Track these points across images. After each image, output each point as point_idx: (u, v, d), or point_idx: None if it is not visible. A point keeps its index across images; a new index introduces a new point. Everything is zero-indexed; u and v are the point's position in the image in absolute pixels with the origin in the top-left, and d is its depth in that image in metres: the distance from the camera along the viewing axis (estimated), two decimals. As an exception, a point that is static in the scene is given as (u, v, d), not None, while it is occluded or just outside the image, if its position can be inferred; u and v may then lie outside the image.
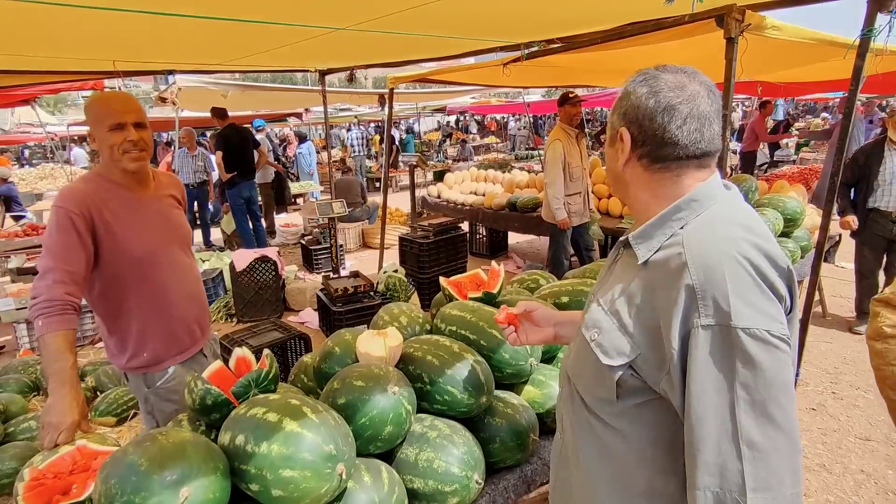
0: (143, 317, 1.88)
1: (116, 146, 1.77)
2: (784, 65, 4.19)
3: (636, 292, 0.93)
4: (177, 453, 1.08)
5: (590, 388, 1.01)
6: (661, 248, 0.93)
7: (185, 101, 5.76)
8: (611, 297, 0.99)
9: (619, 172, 1.01)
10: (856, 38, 2.24)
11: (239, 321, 5.03)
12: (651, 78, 0.94)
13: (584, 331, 1.01)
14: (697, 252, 0.85)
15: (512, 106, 18.70)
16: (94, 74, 3.53)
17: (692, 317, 0.82)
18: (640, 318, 0.91)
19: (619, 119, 0.98)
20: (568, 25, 2.80)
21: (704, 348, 0.81)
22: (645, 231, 0.96)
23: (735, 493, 0.78)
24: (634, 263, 0.96)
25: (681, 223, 0.92)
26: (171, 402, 1.97)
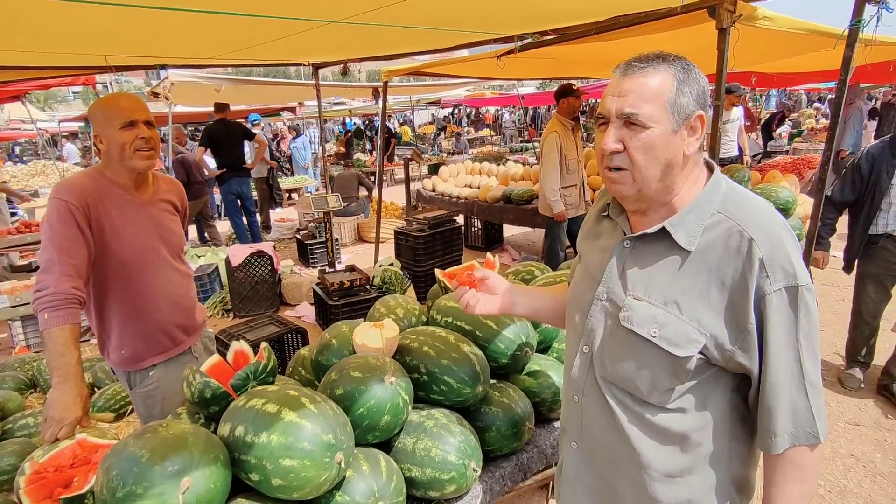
0: (122, 317, 1.89)
1: (128, 144, 1.77)
2: (776, 55, 4.21)
3: (692, 277, 0.96)
4: (177, 444, 1.09)
5: (651, 383, 1.00)
6: (705, 230, 0.97)
7: (178, 96, 5.72)
8: (658, 289, 0.99)
9: (676, 161, 0.98)
10: (845, 29, 2.26)
11: (235, 316, 5.04)
12: (691, 64, 0.98)
13: (635, 328, 1.00)
14: (756, 226, 0.93)
15: (506, 98, 18.66)
16: (85, 69, 3.50)
17: (765, 284, 0.91)
18: (704, 301, 0.95)
19: (693, 103, 0.96)
20: (561, 17, 2.80)
21: (780, 310, 0.92)
22: (682, 218, 0.99)
23: (807, 427, 0.94)
24: (672, 251, 0.99)
25: (712, 205, 0.98)
26: (147, 406, 2.00)
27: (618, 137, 0.97)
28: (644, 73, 0.95)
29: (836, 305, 4.76)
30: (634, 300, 1.01)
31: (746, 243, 0.92)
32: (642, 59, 0.97)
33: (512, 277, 2.50)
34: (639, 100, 0.94)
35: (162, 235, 1.96)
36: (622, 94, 0.96)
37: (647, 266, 1.02)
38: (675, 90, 0.95)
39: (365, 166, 12.67)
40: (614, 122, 0.97)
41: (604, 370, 1.07)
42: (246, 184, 6.85)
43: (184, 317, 2.06)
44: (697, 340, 0.95)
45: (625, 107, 0.95)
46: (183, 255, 2.11)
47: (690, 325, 0.96)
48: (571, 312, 1.18)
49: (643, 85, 0.95)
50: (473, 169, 7.76)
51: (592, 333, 1.09)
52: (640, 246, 1.04)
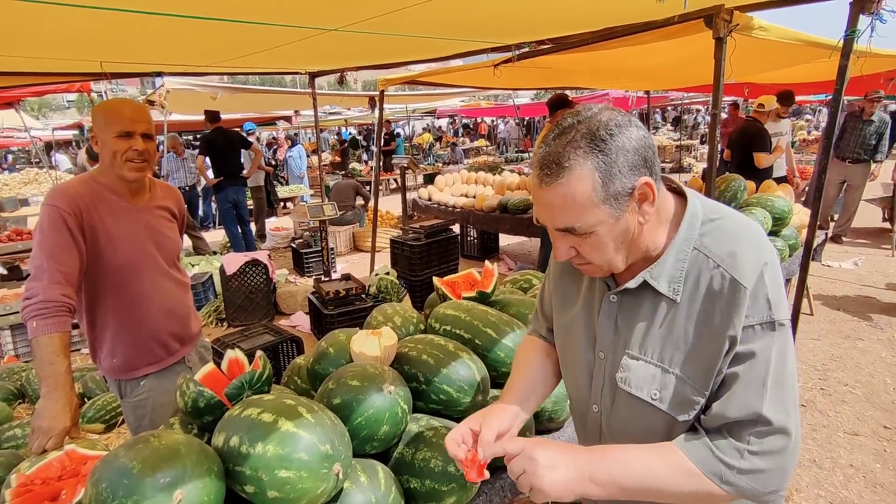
0: (114, 325, 1.86)
1: (120, 153, 1.75)
2: (771, 66, 4.25)
3: (683, 329, 0.89)
4: (170, 455, 1.06)
5: (644, 438, 0.94)
6: (687, 275, 0.90)
7: (174, 104, 5.71)
8: (652, 345, 0.92)
9: (636, 234, 0.89)
10: (839, 40, 2.28)
11: (229, 325, 4.99)
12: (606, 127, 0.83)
13: (633, 391, 0.93)
14: (737, 266, 0.86)
15: (501, 108, 18.77)
16: (80, 76, 3.48)
17: (741, 320, 0.85)
18: (699, 354, 0.88)
19: (628, 176, 0.83)
20: (558, 26, 2.81)
21: (754, 343, 0.85)
22: (662, 266, 0.91)
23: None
24: (659, 302, 0.92)
25: (690, 243, 0.91)
26: (136, 416, 1.96)
27: (566, 246, 0.91)
28: (560, 181, 0.83)
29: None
30: (631, 359, 0.94)
31: (728, 282, 0.86)
32: (549, 160, 0.84)
33: (510, 286, 2.48)
34: (567, 213, 0.85)
35: (157, 242, 1.94)
36: (546, 207, 0.87)
37: (639, 320, 0.95)
38: (600, 185, 0.82)
39: (360, 175, 12.69)
40: (555, 232, 0.90)
41: (614, 435, 1.01)
42: (241, 192, 6.84)
43: (178, 325, 2.03)
44: (697, 402, 0.89)
45: (557, 223, 0.88)
46: (179, 262, 2.08)
47: (689, 385, 0.89)
48: (573, 371, 1.10)
49: (564, 197, 0.83)
50: (469, 178, 7.77)
51: (599, 393, 1.03)
52: (627, 299, 0.97)
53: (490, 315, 1.78)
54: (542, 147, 0.87)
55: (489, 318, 1.77)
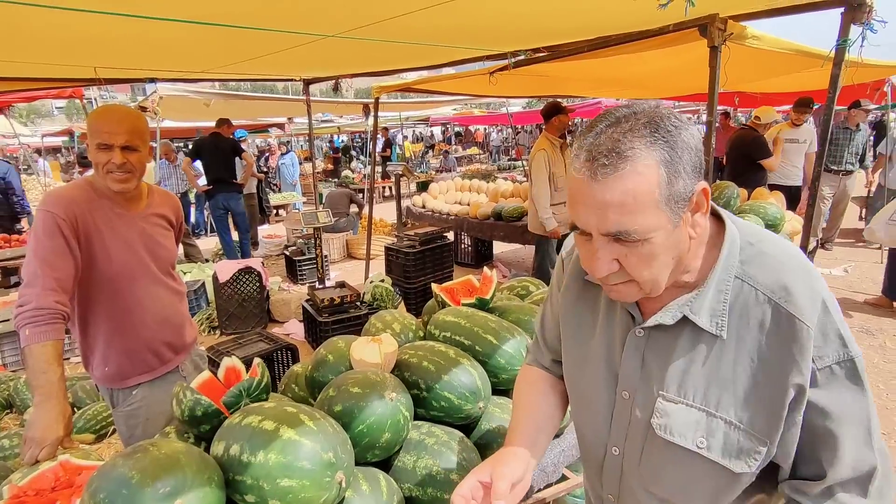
0: (107, 332, 1.83)
1: (100, 165, 1.73)
2: (764, 74, 4.32)
3: (731, 368, 0.78)
4: (169, 465, 1.04)
5: (713, 495, 0.84)
6: (730, 309, 0.79)
7: (166, 111, 5.68)
8: (694, 386, 0.80)
9: (684, 249, 0.78)
10: (832, 49, 2.32)
11: (222, 333, 4.94)
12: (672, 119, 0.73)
13: (675, 440, 0.81)
14: (792, 294, 0.76)
15: (494, 117, 18.89)
16: (73, 81, 3.45)
17: (811, 360, 0.74)
18: (759, 399, 0.77)
19: (691, 177, 0.73)
20: (554, 35, 2.84)
21: (840, 388, 0.75)
22: (702, 299, 0.80)
23: None
24: (700, 337, 0.80)
25: (731, 272, 0.80)
26: (128, 426, 1.92)
27: (609, 258, 0.76)
28: (620, 175, 0.70)
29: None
30: (667, 402, 0.82)
31: (786, 320, 0.75)
32: (608, 148, 0.71)
33: (507, 293, 2.48)
34: (625, 214, 0.71)
35: (151, 250, 1.91)
36: (599, 206, 0.72)
37: (674, 359, 0.83)
38: (665, 181, 0.71)
39: (353, 183, 12.69)
40: (599, 239, 0.76)
41: (645, 483, 0.89)
42: (234, 199, 6.76)
43: (172, 334, 2.00)
44: (756, 450, 0.77)
45: (610, 226, 0.73)
46: (174, 270, 2.06)
47: (742, 430, 0.78)
48: (587, 410, 0.97)
49: (624, 193, 0.70)
50: (463, 186, 7.80)
51: (621, 436, 0.91)
52: (657, 334, 0.85)
53: (490, 321, 1.78)
54: (590, 137, 0.73)
55: (489, 324, 1.76)
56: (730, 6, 2.25)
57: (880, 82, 6.33)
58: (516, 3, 2.10)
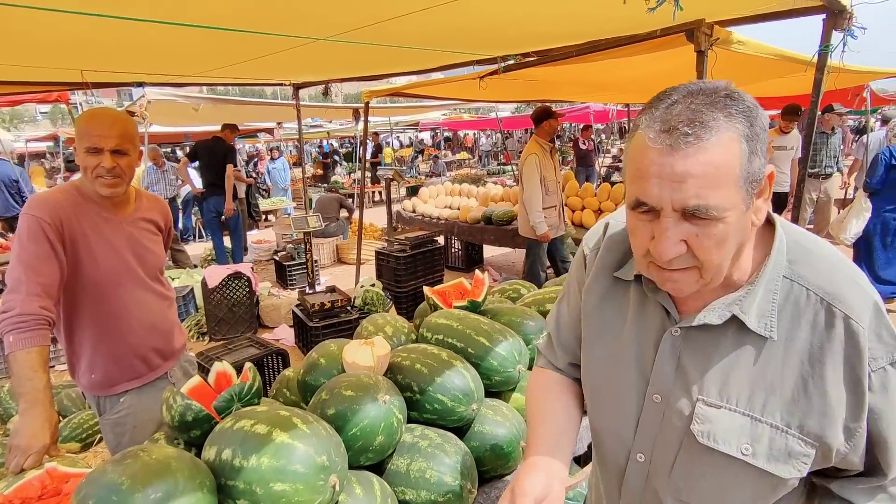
0: (93, 339, 1.81)
1: (89, 169, 1.71)
2: (749, 79, 4.39)
3: (779, 371, 0.76)
4: (160, 470, 1.02)
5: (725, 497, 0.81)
6: (780, 309, 0.76)
7: (155, 115, 5.63)
8: (738, 390, 0.77)
9: (747, 239, 0.75)
10: (814, 55, 2.37)
11: (211, 339, 4.89)
12: (750, 101, 0.70)
13: (719, 447, 0.77)
14: (845, 295, 0.74)
15: (483, 122, 18.95)
16: (60, 85, 3.41)
17: (865, 364, 0.73)
18: (802, 400, 0.75)
19: (763, 159, 0.70)
20: (544, 40, 2.86)
21: (885, 388, 0.73)
22: (752, 298, 0.77)
23: None
24: (744, 338, 0.77)
25: (780, 271, 0.77)
26: (115, 434, 1.89)
27: (678, 237, 0.71)
28: (702, 145, 0.66)
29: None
30: (709, 407, 0.79)
31: (842, 322, 0.73)
32: (693, 120, 0.67)
33: (499, 296, 2.49)
34: (707, 187, 0.67)
35: (139, 255, 1.89)
36: (677, 178, 0.67)
37: (715, 361, 0.79)
38: (747, 157, 0.68)
39: (343, 188, 12.67)
40: (669, 216, 0.70)
41: (676, 492, 0.84)
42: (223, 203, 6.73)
43: (161, 340, 1.98)
44: (805, 454, 0.75)
45: (689, 199, 0.68)
46: (162, 275, 2.04)
47: (789, 434, 0.75)
48: (611, 415, 0.92)
49: (707, 164, 0.66)
50: (453, 190, 7.81)
51: (649, 442, 0.86)
52: (696, 334, 0.81)
53: (482, 324, 1.78)
54: (661, 108, 0.70)
55: (482, 326, 1.77)
56: (715, 12, 2.29)
57: (860, 88, 6.46)
58: (506, 8, 2.12)
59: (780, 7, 2.24)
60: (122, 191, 1.81)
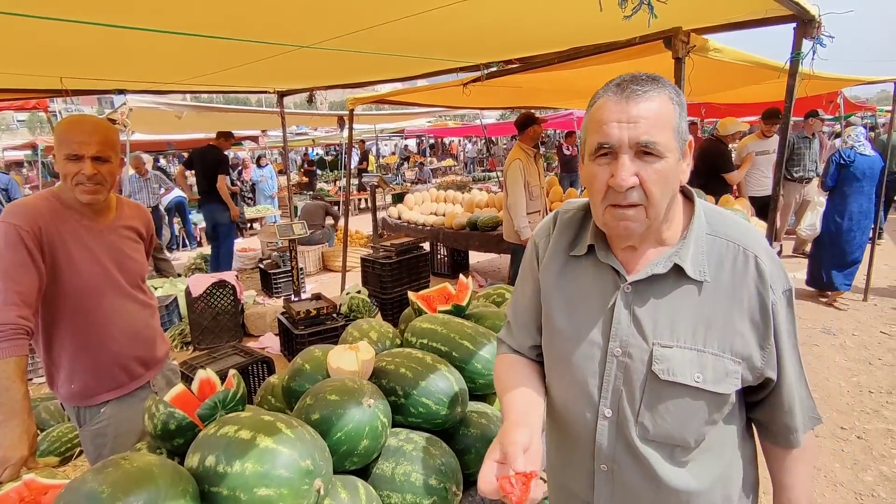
0: (73, 349, 1.78)
1: (69, 176, 1.69)
2: (725, 86, 4.49)
3: (712, 307, 0.92)
4: (142, 478, 1.02)
5: (698, 430, 0.95)
6: (706, 255, 0.94)
7: (136, 123, 5.57)
8: (684, 329, 0.93)
9: (677, 191, 0.95)
10: (786, 61, 2.44)
11: (195, 349, 4.82)
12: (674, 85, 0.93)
13: (678, 379, 0.91)
14: (752, 242, 0.95)
15: (468, 128, 19.03)
16: (38, 93, 3.36)
17: (770, 294, 0.92)
18: (731, 328, 0.92)
19: (686, 127, 0.93)
20: (526, 46, 2.90)
21: (783, 314, 0.94)
22: (686, 249, 0.94)
23: (810, 413, 1.01)
24: (682, 285, 0.94)
25: (704, 230, 0.96)
26: (95, 445, 1.86)
27: (633, 170, 0.87)
28: (648, 96, 0.87)
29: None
30: (664, 348, 0.93)
31: (753, 261, 0.93)
32: (639, 81, 0.89)
33: (483, 300, 2.50)
34: (654, 127, 0.86)
35: (120, 263, 1.87)
36: (632, 120, 0.86)
37: (662, 307, 0.94)
38: (678, 115, 0.90)
39: (328, 195, 12.64)
40: (626, 153, 0.87)
41: (644, 431, 0.95)
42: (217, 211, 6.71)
43: (143, 349, 1.95)
44: (735, 371, 0.92)
45: (641, 135, 0.86)
46: (144, 284, 2.02)
47: (725, 358, 0.92)
48: (576, 377, 1.02)
49: (652, 111, 0.87)
50: (438, 197, 7.84)
51: (617, 395, 0.97)
52: (641, 288, 0.96)
53: (467, 327, 1.80)
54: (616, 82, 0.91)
55: (466, 330, 1.78)
56: (692, 20, 2.35)
57: (833, 94, 6.64)
58: (489, 16, 2.15)
59: (753, 16, 2.30)
60: (102, 198, 1.79)
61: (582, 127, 0.97)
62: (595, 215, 0.97)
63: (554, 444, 1.14)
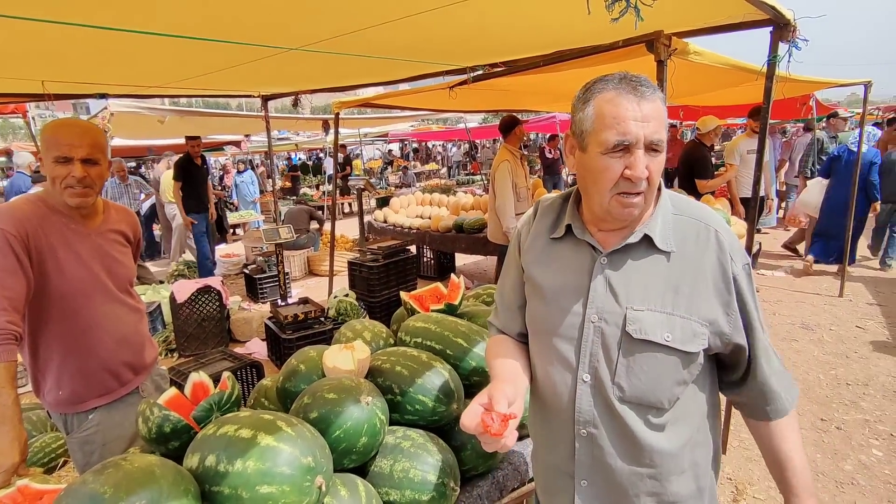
0: (61, 354, 1.76)
1: (59, 179, 1.68)
2: (705, 88, 4.60)
3: (679, 275, 1.03)
4: (144, 478, 1.01)
5: (669, 390, 1.03)
6: (673, 230, 1.05)
7: (117, 128, 5.48)
8: (654, 295, 1.02)
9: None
10: (763, 64, 2.52)
11: (180, 356, 4.76)
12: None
13: (649, 337, 1.00)
14: (712, 219, 1.07)
15: (452, 132, 19.09)
16: (18, 97, 3.29)
17: (733, 266, 1.02)
18: (697, 294, 1.02)
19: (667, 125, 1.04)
20: (512, 50, 2.94)
21: (746, 285, 1.03)
22: (654, 224, 1.05)
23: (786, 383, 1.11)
24: (651, 255, 1.04)
25: (669, 210, 1.08)
26: (84, 453, 1.84)
27: (645, 163, 0.98)
28: (652, 97, 0.97)
29: (769, 319, 5.08)
30: (636, 311, 1.02)
31: (713, 234, 1.04)
32: (642, 82, 0.98)
33: (473, 300, 2.53)
34: (660, 126, 0.98)
35: (108, 267, 1.85)
36: (646, 119, 0.96)
37: (634, 275, 1.04)
38: (665, 114, 1.01)
39: (312, 200, 12.57)
40: (640, 148, 0.97)
41: (621, 392, 1.03)
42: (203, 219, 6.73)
43: (132, 354, 1.94)
44: (702, 333, 1.01)
45: (652, 133, 0.96)
46: (132, 288, 2.00)
47: (692, 321, 1.01)
48: (552, 345, 1.10)
49: (658, 111, 0.97)
50: (424, 200, 7.85)
51: (595, 359, 1.05)
52: (616, 259, 1.06)
53: (460, 325, 1.82)
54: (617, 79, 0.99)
55: (459, 328, 1.80)
56: (673, 24, 2.41)
57: (806, 97, 6.83)
58: (475, 19, 2.18)
59: (731, 20, 2.38)
60: (91, 201, 1.77)
61: (580, 117, 1.02)
62: (596, 202, 1.04)
63: (538, 419, 1.22)
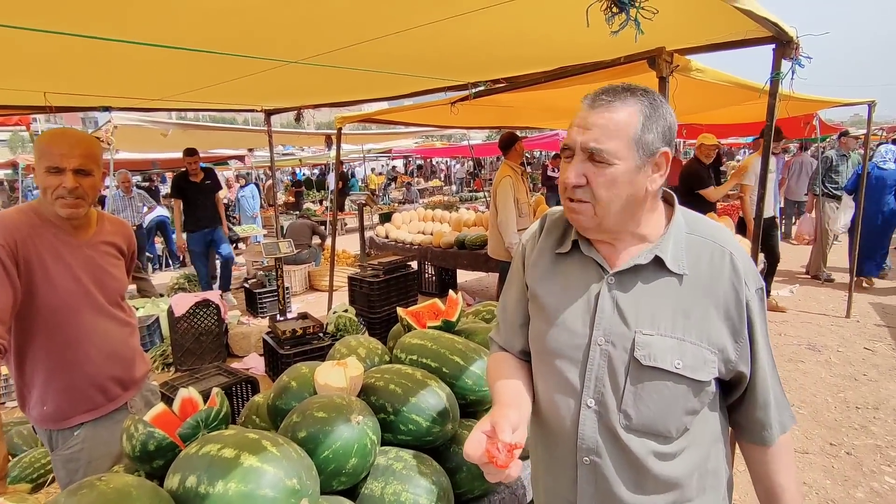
0: (46, 368, 1.72)
1: (50, 189, 1.66)
2: (707, 106, 4.60)
3: (690, 299, 0.98)
4: (119, 499, 0.97)
5: (679, 419, 0.98)
6: (686, 252, 1.00)
7: (121, 141, 5.51)
8: (663, 318, 0.97)
9: (639, 197, 0.98)
10: (766, 82, 2.51)
11: (177, 370, 4.70)
12: (661, 99, 0.98)
13: (658, 364, 0.95)
14: (728, 241, 1.02)
15: (455, 149, 19.20)
16: (20, 109, 3.31)
17: (746, 291, 0.97)
18: (707, 319, 0.97)
19: (659, 139, 0.96)
20: (514, 66, 2.94)
21: (757, 312, 0.99)
22: (665, 245, 1.00)
23: (786, 413, 1.06)
24: (662, 277, 0.99)
25: (683, 230, 1.03)
26: (68, 470, 1.79)
27: (580, 171, 0.96)
28: (610, 107, 0.94)
29: (775, 340, 5.00)
30: (645, 336, 0.97)
31: (728, 257, 0.99)
32: (610, 92, 0.96)
33: (472, 317, 2.48)
34: (603, 135, 0.93)
35: (98, 279, 1.81)
36: (588, 127, 0.94)
37: (644, 297, 0.99)
38: (640, 126, 0.94)
39: (315, 215, 12.59)
40: (578, 156, 0.96)
41: (627, 420, 0.98)
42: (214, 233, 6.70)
43: (121, 369, 1.89)
44: (712, 360, 0.97)
45: (589, 141, 0.94)
46: (123, 301, 1.96)
47: (703, 347, 0.96)
48: (556, 367, 1.05)
49: (609, 120, 0.93)
50: (426, 216, 7.84)
51: (601, 384, 1.00)
52: (624, 280, 1.01)
53: (457, 343, 1.77)
54: (599, 90, 0.98)
55: (456, 346, 1.76)
56: (675, 40, 2.40)
57: (809, 116, 6.84)
58: (476, 33, 2.18)
59: (734, 37, 2.37)
60: (83, 212, 1.75)
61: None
62: (563, 203, 1.05)
63: (539, 443, 1.16)
